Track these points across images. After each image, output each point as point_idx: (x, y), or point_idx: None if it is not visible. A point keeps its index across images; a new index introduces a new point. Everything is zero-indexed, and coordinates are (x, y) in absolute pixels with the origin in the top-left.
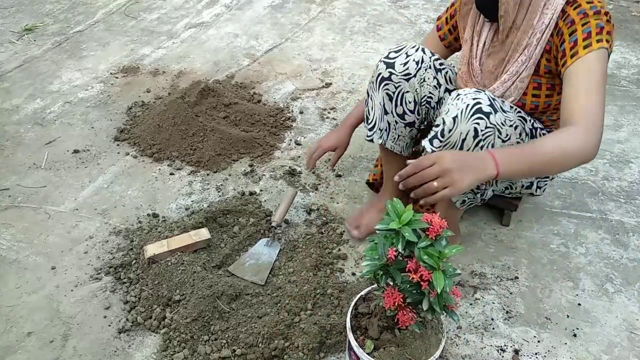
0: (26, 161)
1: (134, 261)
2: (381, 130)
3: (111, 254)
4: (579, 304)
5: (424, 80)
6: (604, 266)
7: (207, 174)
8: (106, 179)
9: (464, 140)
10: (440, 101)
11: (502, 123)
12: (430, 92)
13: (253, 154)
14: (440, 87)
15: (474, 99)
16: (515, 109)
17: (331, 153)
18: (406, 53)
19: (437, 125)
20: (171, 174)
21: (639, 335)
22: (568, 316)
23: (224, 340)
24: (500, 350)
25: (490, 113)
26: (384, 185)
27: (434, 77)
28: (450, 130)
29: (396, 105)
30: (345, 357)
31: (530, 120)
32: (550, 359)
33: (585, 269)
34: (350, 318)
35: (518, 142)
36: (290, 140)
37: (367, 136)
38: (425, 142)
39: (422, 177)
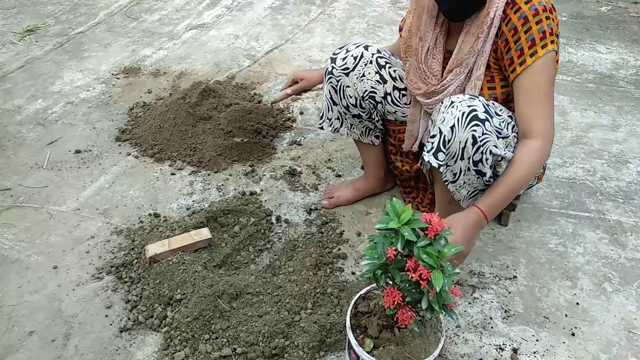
0: (28, 161)
1: (136, 260)
2: (330, 120)
3: (112, 253)
4: (577, 303)
5: (364, 75)
6: (602, 266)
7: (208, 174)
8: (108, 179)
9: (463, 148)
10: (386, 96)
11: (498, 125)
12: (372, 87)
13: (253, 155)
14: (385, 83)
15: (469, 106)
16: (504, 108)
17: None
18: (346, 49)
19: (434, 136)
20: (172, 174)
21: (637, 334)
22: (566, 315)
23: (224, 339)
24: (499, 349)
25: (487, 120)
26: (364, 169)
27: (376, 72)
28: (449, 140)
29: (341, 98)
30: (345, 355)
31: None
32: (548, 358)
33: (584, 269)
34: (350, 317)
35: (511, 138)
36: (291, 140)
37: (318, 124)
38: (429, 157)
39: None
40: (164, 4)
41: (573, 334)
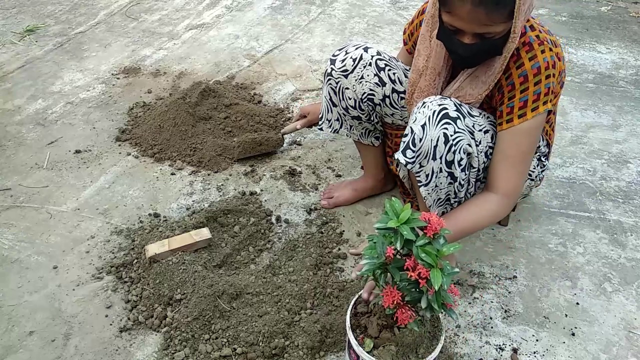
0: (28, 161)
1: (135, 260)
2: (329, 121)
3: (112, 253)
4: (577, 303)
5: (363, 77)
6: (602, 266)
7: (208, 174)
8: (107, 179)
9: (435, 147)
10: (385, 99)
11: (472, 126)
12: (371, 89)
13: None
14: (384, 86)
15: (439, 104)
16: (485, 114)
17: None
18: (346, 51)
19: (406, 135)
20: (172, 174)
21: (637, 334)
22: (566, 315)
23: (224, 339)
24: (498, 349)
25: (458, 118)
26: (364, 169)
27: (375, 75)
28: (420, 139)
29: (340, 100)
30: (345, 355)
31: None
32: (548, 358)
33: (584, 269)
34: (350, 317)
35: (490, 147)
36: (291, 140)
37: (318, 126)
38: (398, 155)
39: None
40: (164, 4)
41: (573, 334)
